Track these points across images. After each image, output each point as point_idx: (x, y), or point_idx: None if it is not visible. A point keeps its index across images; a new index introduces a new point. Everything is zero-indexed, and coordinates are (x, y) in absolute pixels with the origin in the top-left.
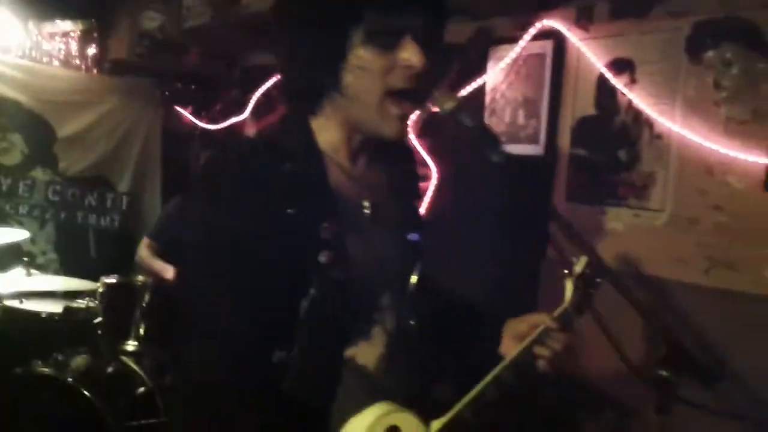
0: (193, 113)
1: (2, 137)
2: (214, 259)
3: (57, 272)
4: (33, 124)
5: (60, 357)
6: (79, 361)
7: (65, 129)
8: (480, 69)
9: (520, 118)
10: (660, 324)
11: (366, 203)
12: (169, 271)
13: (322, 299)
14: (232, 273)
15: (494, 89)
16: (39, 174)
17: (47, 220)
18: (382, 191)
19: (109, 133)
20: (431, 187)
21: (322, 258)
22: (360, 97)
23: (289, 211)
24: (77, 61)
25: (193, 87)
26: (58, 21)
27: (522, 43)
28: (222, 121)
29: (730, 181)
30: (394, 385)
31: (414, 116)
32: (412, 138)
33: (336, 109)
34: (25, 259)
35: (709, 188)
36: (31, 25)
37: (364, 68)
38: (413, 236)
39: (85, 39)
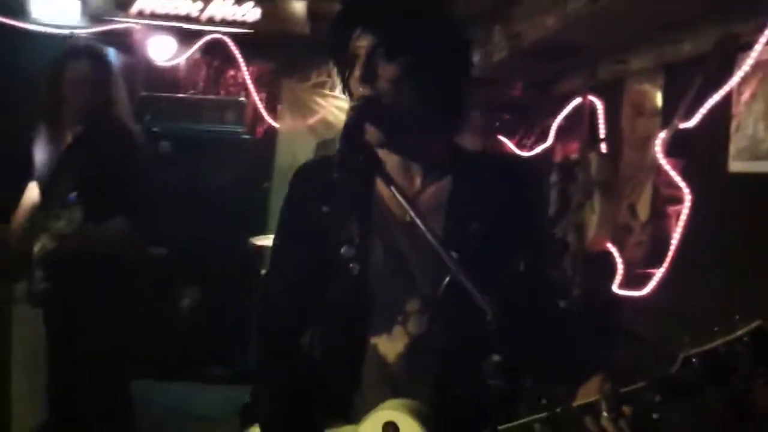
0: (518, 144)
1: None
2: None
3: None
4: None
5: None
6: None
7: None
8: (726, 79)
9: (760, 132)
10: None
11: (408, 216)
12: None
13: (341, 288)
14: (279, 260)
15: (739, 100)
16: None
17: None
18: (436, 209)
19: None
20: (684, 209)
21: (343, 251)
22: None
23: (324, 209)
24: None
25: (518, 117)
26: None
27: (758, 47)
28: (533, 149)
29: None
30: (412, 385)
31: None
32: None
33: None
34: None
35: None
36: None
37: None
38: (453, 254)
39: None
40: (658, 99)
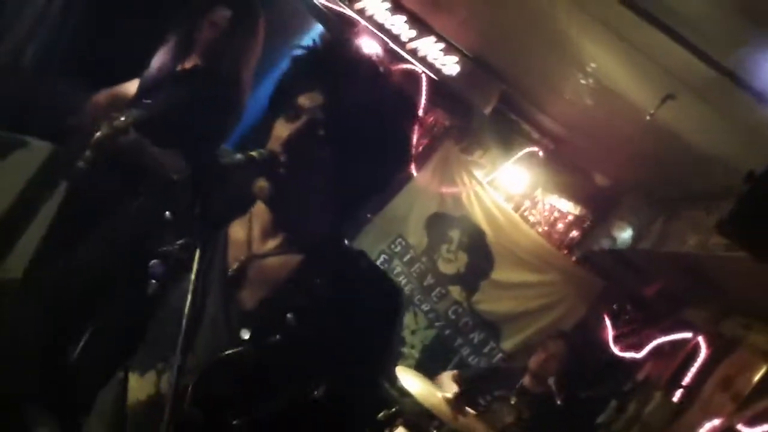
0: (618, 334)
1: (456, 250)
2: None
3: (410, 366)
4: (481, 255)
5: None
6: None
7: (500, 273)
8: None
9: None
10: None
11: (232, 270)
12: None
13: (126, 300)
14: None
15: None
16: (455, 292)
17: (434, 327)
18: (270, 281)
19: (532, 298)
20: None
21: (152, 263)
22: None
23: (167, 214)
24: (555, 236)
25: (635, 312)
26: (564, 200)
27: None
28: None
29: None
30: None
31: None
32: None
33: None
34: None
35: None
36: (538, 192)
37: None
38: (244, 332)
39: (574, 223)
40: (753, 381)
